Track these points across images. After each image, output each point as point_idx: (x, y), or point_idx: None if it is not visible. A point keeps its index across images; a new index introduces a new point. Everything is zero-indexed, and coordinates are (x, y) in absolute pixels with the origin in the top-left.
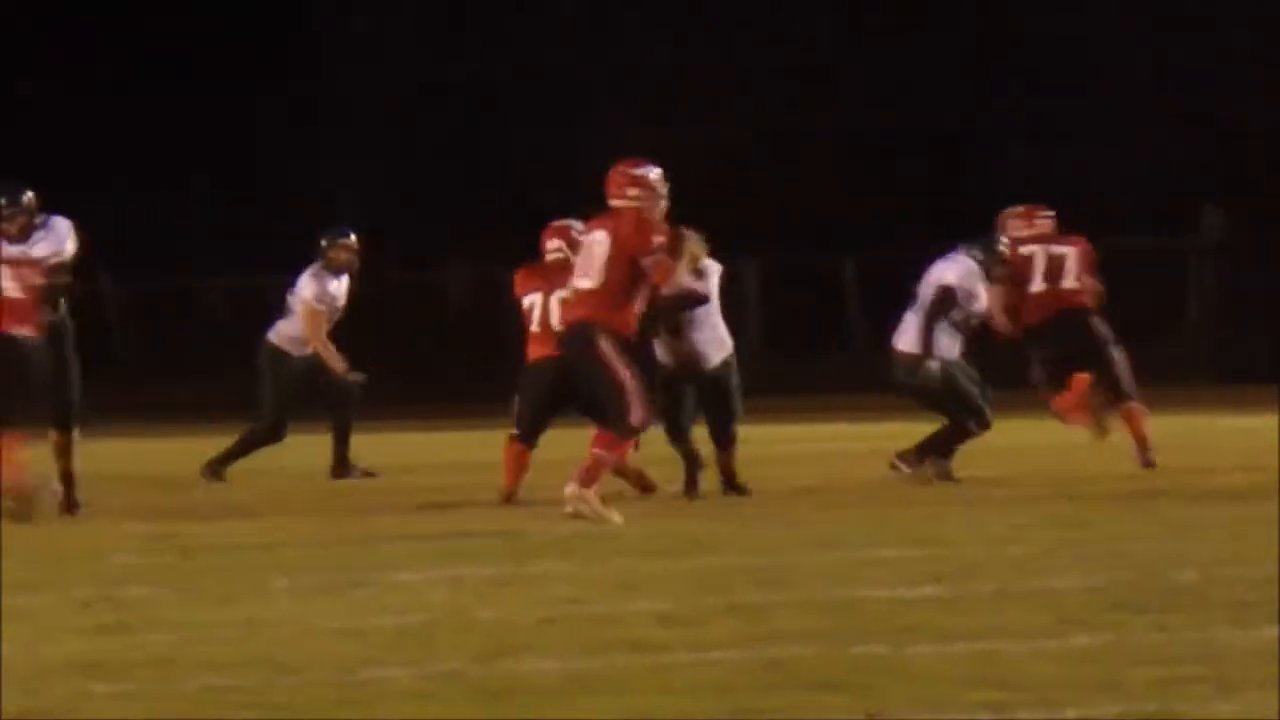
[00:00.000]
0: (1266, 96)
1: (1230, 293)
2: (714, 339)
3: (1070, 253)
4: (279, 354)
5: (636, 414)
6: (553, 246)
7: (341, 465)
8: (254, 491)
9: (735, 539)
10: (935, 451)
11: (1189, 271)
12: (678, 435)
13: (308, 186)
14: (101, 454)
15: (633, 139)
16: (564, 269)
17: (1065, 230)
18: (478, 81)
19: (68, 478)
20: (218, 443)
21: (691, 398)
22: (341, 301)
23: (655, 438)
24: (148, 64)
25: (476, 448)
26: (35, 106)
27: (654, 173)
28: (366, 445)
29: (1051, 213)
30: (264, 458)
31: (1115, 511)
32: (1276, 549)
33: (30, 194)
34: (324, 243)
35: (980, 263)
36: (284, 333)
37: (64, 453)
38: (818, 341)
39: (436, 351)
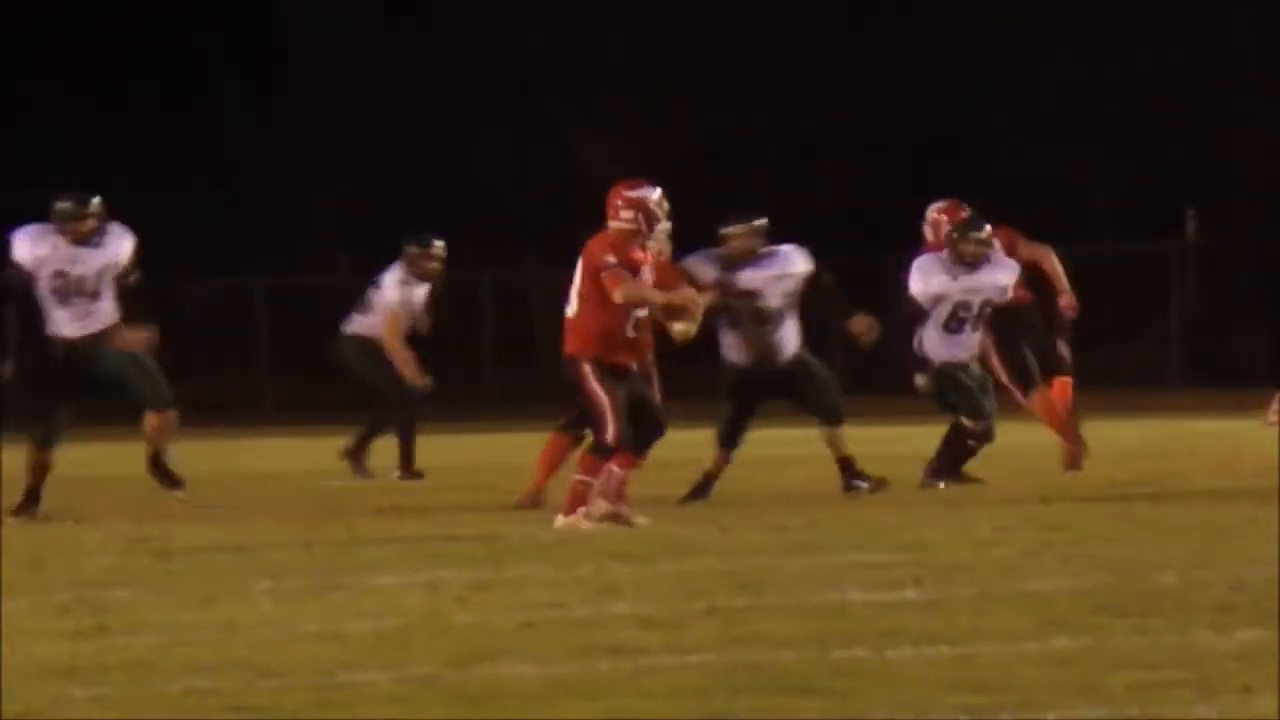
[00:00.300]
0: (1249, 99)
1: (1210, 296)
2: (790, 333)
3: (997, 244)
4: (365, 341)
5: (612, 433)
6: None
7: (355, 456)
8: (234, 494)
9: (716, 542)
10: (951, 464)
11: (1170, 275)
12: (725, 442)
13: (302, 188)
14: (85, 456)
15: (619, 139)
16: None
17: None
18: (473, 83)
19: (153, 460)
20: (212, 445)
21: (754, 408)
22: (421, 307)
23: (691, 440)
24: (143, 67)
25: (456, 451)
26: (33, 106)
27: (653, 194)
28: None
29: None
30: (246, 459)
31: (1095, 514)
32: (1255, 552)
33: (97, 200)
34: (412, 249)
35: (939, 258)
36: (366, 323)
37: (149, 437)
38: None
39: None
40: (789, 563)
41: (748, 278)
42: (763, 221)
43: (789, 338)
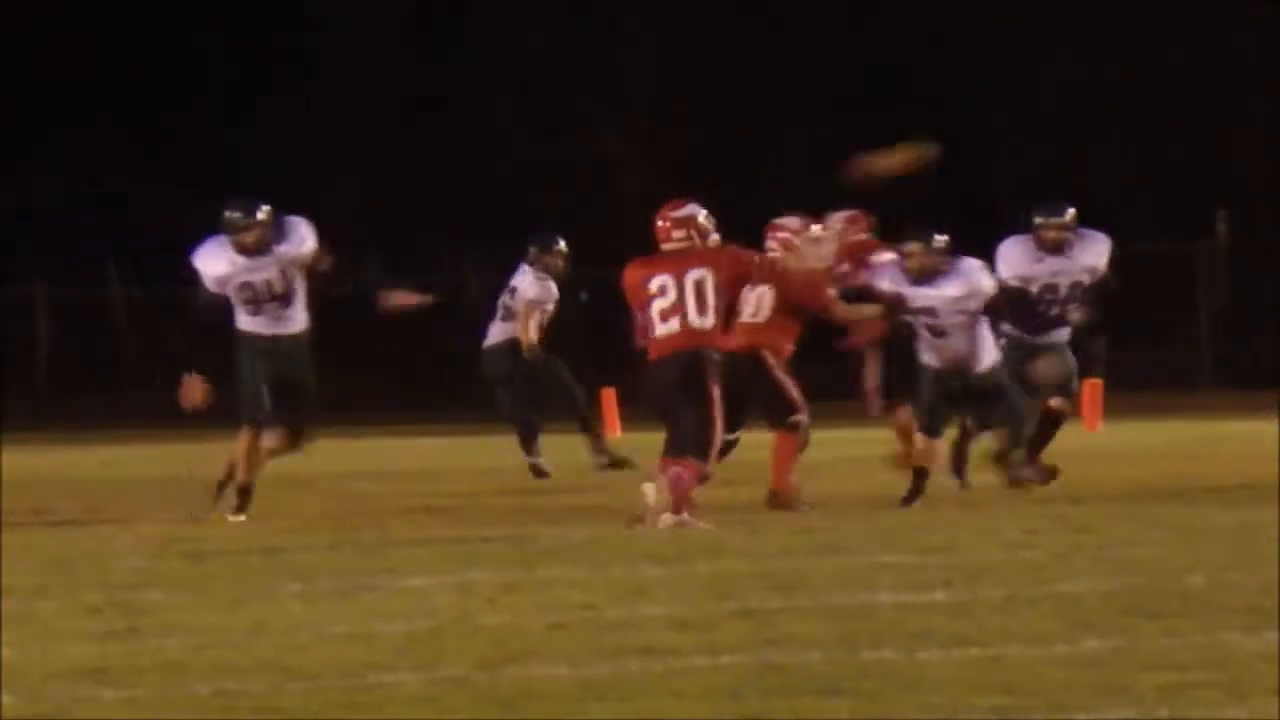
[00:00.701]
0: (1271, 98)
1: (1239, 297)
2: (980, 346)
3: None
4: (513, 346)
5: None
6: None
7: (604, 452)
8: (263, 495)
9: (746, 544)
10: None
11: (1198, 276)
12: (931, 432)
13: (302, 191)
14: (115, 457)
15: (619, 145)
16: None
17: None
18: (472, 87)
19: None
20: (225, 446)
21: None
22: (554, 302)
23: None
24: (148, 69)
25: (485, 452)
26: (32, 108)
27: (701, 212)
28: (377, 450)
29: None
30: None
31: (1123, 516)
32: None
33: (266, 208)
34: (537, 249)
35: (1021, 242)
36: (510, 328)
37: (268, 447)
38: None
39: (444, 355)
40: (819, 564)
41: (923, 295)
42: (942, 239)
43: (979, 351)
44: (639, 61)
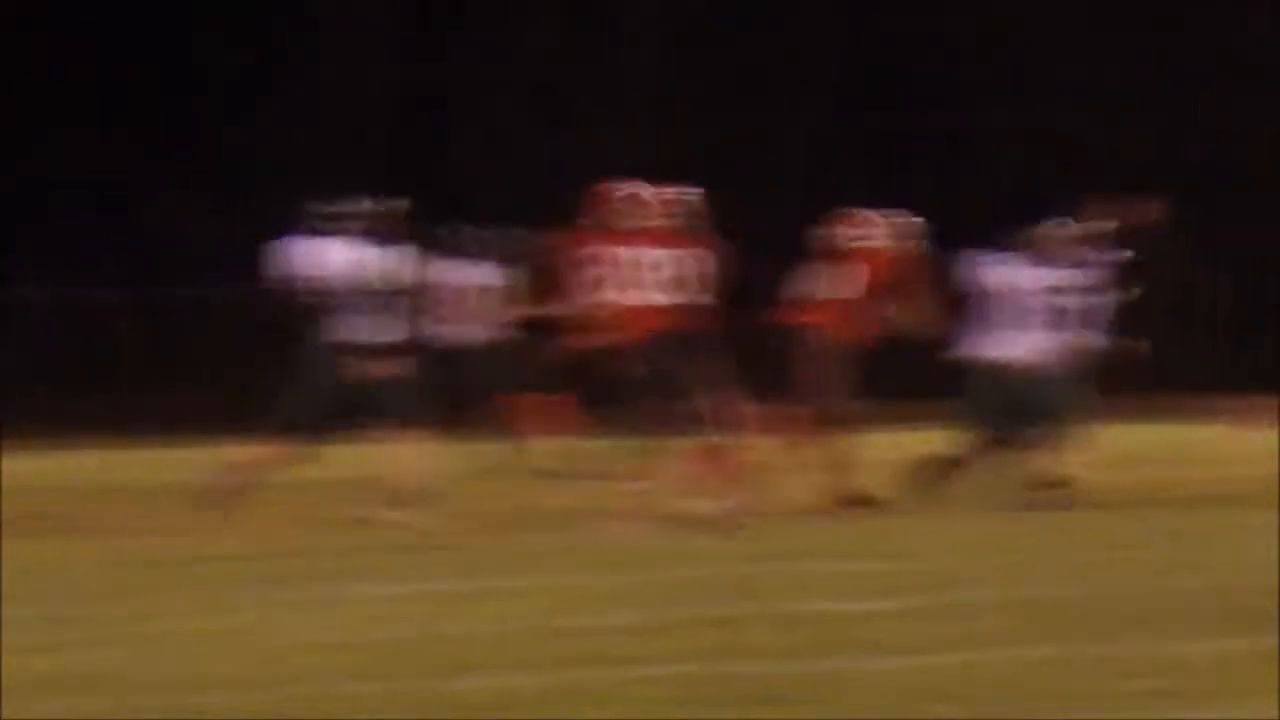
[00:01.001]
0: (1263, 97)
1: (1239, 297)
2: (1065, 340)
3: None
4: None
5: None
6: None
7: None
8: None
9: (705, 552)
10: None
11: (1198, 276)
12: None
13: (302, 191)
14: (112, 461)
15: (620, 145)
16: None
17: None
18: (469, 87)
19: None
20: (213, 453)
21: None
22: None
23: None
24: (148, 69)
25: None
26: (32, 108)
27: (644, 191)
28: (336, 457)
29: None
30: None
31: (1122, 518)
32: (1269, 558)
33: (393, 204)
34: (499, 237)
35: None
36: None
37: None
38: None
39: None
40: (780, 571)
41: (1045, 275)
42: (1071, 223)
43: (1070, 341)
44: (639, 61)
